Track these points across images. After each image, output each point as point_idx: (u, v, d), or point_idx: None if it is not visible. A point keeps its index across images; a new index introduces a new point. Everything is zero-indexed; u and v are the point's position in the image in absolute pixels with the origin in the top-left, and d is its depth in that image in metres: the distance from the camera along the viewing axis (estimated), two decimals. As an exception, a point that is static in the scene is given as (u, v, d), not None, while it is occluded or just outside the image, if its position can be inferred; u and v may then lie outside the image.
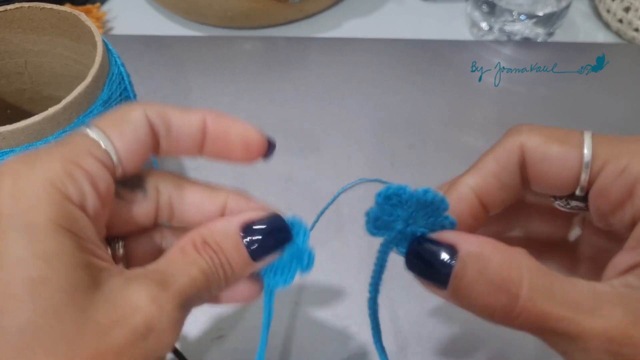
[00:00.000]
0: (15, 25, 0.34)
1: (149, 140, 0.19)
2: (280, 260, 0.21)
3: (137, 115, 0.19)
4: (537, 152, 0.19)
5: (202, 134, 0.20)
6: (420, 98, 0.47)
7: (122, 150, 0.18)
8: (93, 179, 0.17)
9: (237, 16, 0.51)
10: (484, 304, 0.17)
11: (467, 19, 0.55)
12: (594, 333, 0.16)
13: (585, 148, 0.19)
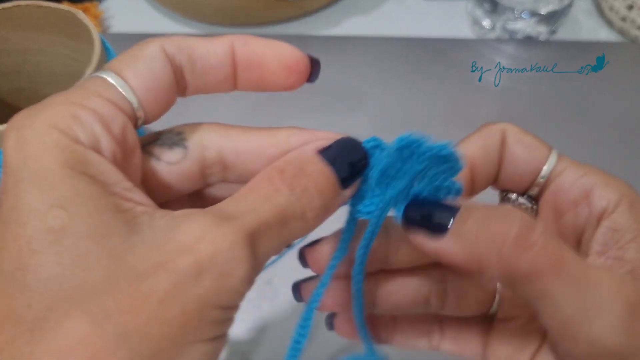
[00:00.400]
0: (14, 23, 0.34)
1: (169, 76, 0.17)
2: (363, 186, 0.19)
3: (153, 50, 0.17)
4: (515, 136, 0.20)
5: (232, 62, 0.18)
6: (421, 97, 0.47)
7: (139, 88, 0.16)
8: (103, 119, 0.15)
9: (236, 14, 0.51)
10: (495, 235, 0.15)
11: (469, 17, 0.54)
12: (616, 289, 0.15)
13: (554, 151, 0.20)
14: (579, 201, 0.19)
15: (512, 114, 0.46)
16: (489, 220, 0.16)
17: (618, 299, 0.15)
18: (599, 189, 0.19)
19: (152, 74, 0.17)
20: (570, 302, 0.15)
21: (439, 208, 0.17)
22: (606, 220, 0.18)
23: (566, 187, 0.19)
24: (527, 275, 0.15)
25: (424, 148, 0.18)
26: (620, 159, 0.43)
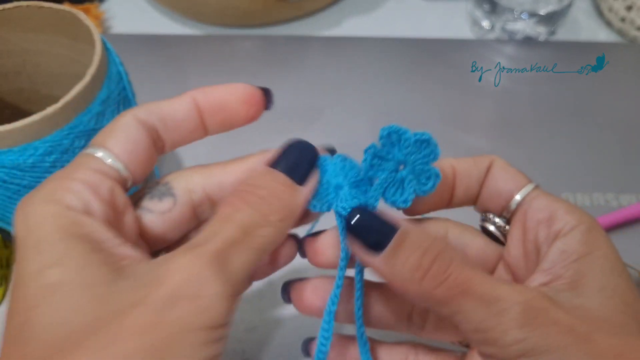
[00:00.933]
0: (14, 24, 0.34)
1: (145, 138, 0.20)
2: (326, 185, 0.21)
3: (127, 119, 0.19)
4: (500, 164, 0.23)
5: (198, 113, 0.20)
6: (421, 97, 0.47)
7: (121, 154, 0.19)
8: (92, 186, 0.18)
9: (236, 14, 0.51)
10: (418, 266, 0.18)
11: (469, 18, 0.54)
12: (514, 299, 0.18)
13: (532, 183, 0.22)
14: (542, 222, 0.21)
15: (512, 114, 0.46)
16: (417, 251, 0.19)
17: (515, 305, 0.18)
18: (561, 213, 0.21)
19: (130, 139, 0.19)
20: (479, 314, 0.18)
21: (379, 228, 0.19)
22: (559, 241, 0.20)
23: (534, 210, 0.21)
24: (441, 299, 0.18)
25: (407, 135, 0.21)
26: (620, 159, 0.43)
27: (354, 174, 0.22)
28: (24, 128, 0.28)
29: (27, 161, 0.28)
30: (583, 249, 0.20)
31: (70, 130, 0.29)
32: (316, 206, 0.21)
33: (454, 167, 0.23)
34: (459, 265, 0.19)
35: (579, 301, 0.19)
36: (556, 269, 0.20)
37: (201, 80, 0.48)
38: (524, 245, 0.22)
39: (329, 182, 0.21)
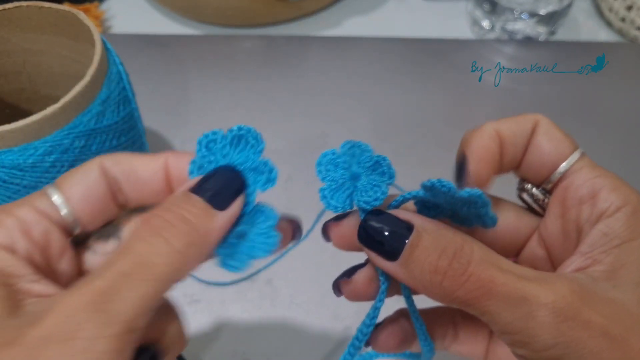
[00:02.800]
0: (14, 24, 0.34)
1: (103, 188, 0.20)
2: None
3: (91, 165, 0.20)
4: (545, 128, 0.21)
5: (165, 175, 0.20)
6: (421, 97, 0.47)
7: (73, 198, 0.19)
8: (25, 224, 0.18)
9: (236, 14, 0.51)
10: (436, 270, 0.18)
11: (469, 18, 0.54)
12: (542, 300, 0.17)
13: (578, 150, 0.21)
14: (585, 200, 0.20)
15: (512, 114, 0.46)
16: (433, 253, 0.18)
17: (543, 307, 0.17)
18: (605, 192, 0.19)
19: (88, 185, 0.19)
20: (506, 316, 0.17)
21: (393, 228, 0.19)
22: (601, 223, 0.19)
23: (577, 185, 0.20)
24: (465, 301, 0.18)
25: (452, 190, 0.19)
26: (620, 159, 0.43)
27: (366, 158, 0.21)
28: (24, 128, 0.28)
29: (27, 161, 0.28)
30: (626, 234, 0.18)
31: (70, 130, 0.29)
32: (337, 207, 0.20)
33: (499, 132, 0.21)
34: (480, 264, 0.17)
35: (615, 294, 0.18)
36: (595, 254, 0.19)
37: (201, 80, 0.48)
38: (563, 224, 0.21)
39: (343, 176, 0.21)
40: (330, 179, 0.21)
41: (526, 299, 0.17)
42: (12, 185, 0.29)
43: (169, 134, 0.44)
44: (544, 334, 0.17)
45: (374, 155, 0.21)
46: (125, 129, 0.33)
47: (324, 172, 0.21)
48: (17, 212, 0.18)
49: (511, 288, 0.17)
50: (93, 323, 0.15)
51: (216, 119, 0.45)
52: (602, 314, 0.17)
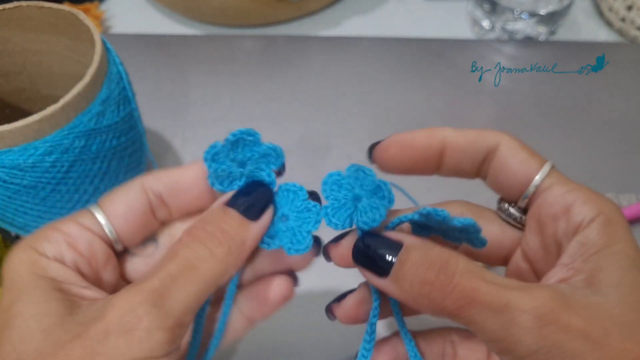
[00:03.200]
0: (14, 24, 0.34)
1: (142, 203, 0.22)
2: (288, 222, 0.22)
3: (132, 184, 0.22)
4: (510, 146, 0.22)
5: (204, 181, 0.22)
6: (422, 97, 0.47)
7: (113, 215, 0.21)
8: (70, 238, 0.20)
9: (236, 14, 0.51)
10: (424, 282, 0.19)
11: (469, 18, 0.54)
12: (523, 307, 0.18)
13: (545, 165, 0.22)
14: (559, 216, 0.21)
15: (512, 114, 0.46)
16: (421, 267, 0.19)
17: (524, 313, 0.17)
18: (578, 206, 0.20)
19: (127, 202, 0.21)
20: (490, 324, 0.18)
21: (383, 248, 0.20)
22: (578, 235, 0.20)
23: (549, 202, 0.21)
24: (452, 311, 0.18)
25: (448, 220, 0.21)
26: (620, 159, 0.43)
27: (369, 181, 0.22)
28: (24, 128, 0.28)
29: (27, 161, 0.29)
30: (602, 242, 0.19)
31: (71, 130, 0.29)
32: (338, 225, 0.22)
33: (445, 140, 0.22)
34: (464, 275, 0.18)
35: (596, 299, 0.18)
36: (576, 264, 0.19)
37: (201, 80, 0.48)
38: (541, 239, 0.22)
39: (346, 197, 0.22)
40: (334, 198, 0.22)
41: (508, 307, 0.18)
42: (12, 185, 0.29)
43: (169, 134, 0.44)
44: (526, 339, 0.17)
45: (376, 180, 0.22)
46: (125, 129, 0.33)
47: (328, 191, 0.22)
48: (63, 227, 0.21)
49: (494, 297, 0.18)
50: (151, 317, 0.18)
51: (216, 119, 0.45)
52: (582, 317, 0.17)
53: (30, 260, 0.20)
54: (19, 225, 0.32)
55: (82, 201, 0.32)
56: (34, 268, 0.20)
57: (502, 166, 0.22)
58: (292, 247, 0.22)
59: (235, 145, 0.23)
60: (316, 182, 0.25)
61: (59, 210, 0.32)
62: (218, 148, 0.23)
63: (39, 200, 0.31)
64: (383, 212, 0.21)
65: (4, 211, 0.31)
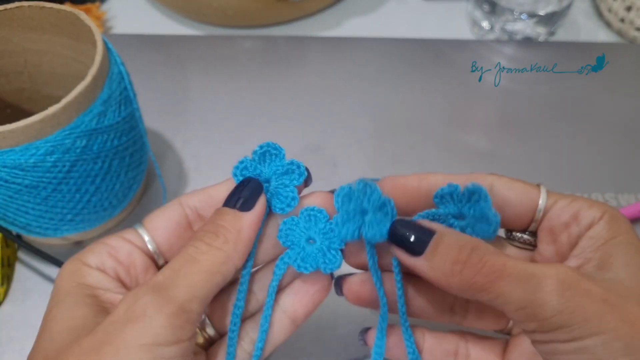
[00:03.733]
0: (15, 24, 0.34)
1: (180, 217, 0.24)
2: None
3: (172, 203, 0.24)
4: (505, 184, 0.24)
5: None
6: (421, 98, 0.47)
7: (154, 228, 0.24)
8: (112, 249, 0.23)
9: (237, 15, 0.51)
10: (456, 261, 0.21)
11: (468, 18, 0.54)
12: (547, 274, 0.20)
13: (542, 188, 0.24)
14: (570, 223, 0.23)
15: (512, 114, 0.46)
16: (454, 249, 0.21)
17: (548, 278, 0.20)
18: (584, 210, 0.22)
19: (165, 216, 0.24)
20: (517, 293, 0.20)
21: (418, 233, 0.22)
22: (588, 232, 0.22)
23: (558, 215, 0.23)
24: (482, 286, 0.20)
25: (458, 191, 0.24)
26: (619, 159, 0.43)
27: (376, 197, 0.24)
28: (26, 128, 0.28)
29: (28, 161, 0.29)
30: (609, 234, 0.21)
31: (72, 130, 0.29)
32: (347, 235, 0.23)
33: (437, 185, 0.24)
34: (494, 254, 0.20)
35: (609, 276, 0.20)
36: (585, 254, 0.22)
37: (202, 80, 0.48)
38: (556, 248, 0.24)
39: (355, 210, 0.23)
40: (345, 210, 0.23)
41: (534, 275, 0.20)
42: (14, 185, 0.29)
43: (170, 134, 0.44)
44: (551, 300, 0.19)
45: (382, 197, 0.24)
46: (126, 129, 0.33)
47: (340, 202, 0.23)
48: (107, 241, 0.23)
49: (520, 269, 0.20)
50: (152, 304, 0.19)
51: (217, 119, 0.45)
52: (601, 286, 0.19)
53: (73, 270, 0.22)
54: (21, 224, 0.32)
55: (83, 201, 0.32)
56: (74, 276, 0.22)
57: (504, 202, 0.24)
58: (326, 267, 0.23)
59: (262, 158, 0.25)
60: (315, 180, 0.25)
61: (60, 209, 0.32)
62: (246, 163, 0.24)
63: (40, 199, 0.31)
64: (388, 225, 0.23)
65: (5, 211, 0.31)
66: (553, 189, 0.24)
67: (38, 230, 0.33)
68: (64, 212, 0.32)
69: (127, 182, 0.35)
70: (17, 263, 0.36)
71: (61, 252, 0.36)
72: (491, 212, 0.23)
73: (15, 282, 0.35)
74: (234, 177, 0.24)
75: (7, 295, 0.35)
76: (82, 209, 0.33)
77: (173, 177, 0.41)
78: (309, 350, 0.33)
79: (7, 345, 0.33)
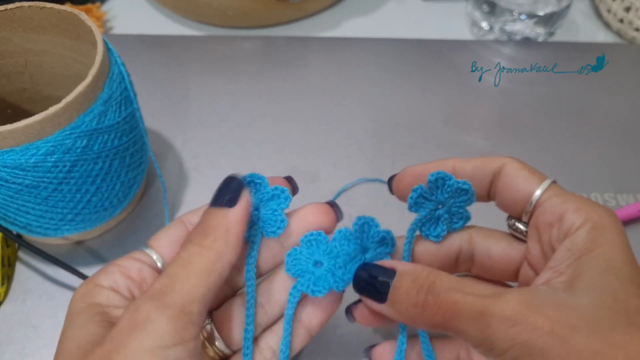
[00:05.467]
0: (16, 24, 0.34)
1: (183, 234, 0.25)
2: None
3: (174, 223, 0.25)
4: (513, 167, 0.24)
5: None
6: (421, 98, 0.47)
7: (159, 246, 0.25)
8: (124, 268, 0.24)
9: (237, 15, 0.51)
10: (416, 305, 0.21)
11: (468, 19, 0.55)
12: (493, 311, 0.20)
13: (546, 180, 0.24)
14: (554, 223, 0.23)
15: (512, 114, 0.47)
16: (412, 292, 0.22)
17: (495, 316, 0.20)
18: (569, 213, 0.22)
19: (169, 234, 0.25)
20: (471, 331, 0.20)
21: (377, 280, 0.23)
22: (566, 240, 0.22)
23: (547, 211, 0.23)
24: (441, 324, 0.21)
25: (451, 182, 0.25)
26: (618, 159, 0.43)
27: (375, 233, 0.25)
28: (26, 128, 0.28)
29: (29, 161, 0.29)
30: (586, 247, 0.21)
31: (72, 130, 0.29)
32: (351, 277, 0.24)
33: (455, 167, 0.25)
34: (447, 292, 0.21)
35: (569, 299, 0.20)
36: (560, 267, 0.21)
37: (202, 81, 0.48)
38: (540, 246, 0.24)
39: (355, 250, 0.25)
40: (345, 253, 0.24)
41: (483, 313, 0.20)
42: (14, 185, 0.29)
43: (170, 134, 0.44)
44: (499, 339, 0.19)
45: (381, 231, 0.25)
46: (127, 129, 0.33)
47: (339, 247, 0.25)
48: (119, 262, 0.24)
49: (470, 306, 0.20)
50: (154, 310, 0.20)
51: (217, 119, 0.45)
52: (549, 317, 0.19)
53: (85, 291, 0.23)
54: (21, 224, 0.33)
55: (83, 201, 0.32)
56: (85, 297, 0.23)
57: (506, 185, 0.24)
58: (338, 285, 0.24)
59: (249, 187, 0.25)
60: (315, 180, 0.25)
61: (60, 209, 0.32)
62: None
63: (40, 199, 0.31)
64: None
65: (6, 210, 0.32)
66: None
67: (38, 230, 0.33)
68: (64, 212, 0.32)
69: (127, 182, 0.35)
70: (18, 263, 0.36)
71: (62, 251, 0.36)
72: (466, 211, 0.25)
73: (15, 282, 0.35)
74: None
75: (7, 295, 0.35)
76: (83, 209, 0.33)
77: (173, 177, 0.41)
78: (309, 350, 0.33)
79: (8, 345, 0.33)
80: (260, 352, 0.25)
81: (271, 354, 0.25)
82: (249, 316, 0.25)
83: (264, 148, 0.43)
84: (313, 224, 0.26)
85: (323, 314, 0.26)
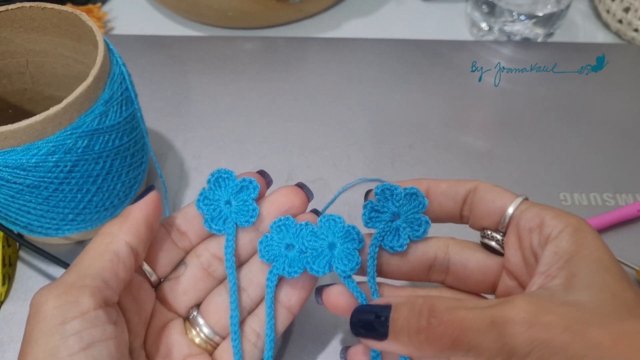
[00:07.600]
0: (17, 25, 0.34)
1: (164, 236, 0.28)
2: None
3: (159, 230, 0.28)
4: (486, 186, 0.26)
5: None
6: (420, 98, 0.48)
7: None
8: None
9: (237, 16, 0.51)
10: (419, 331, 0.21)
11: (467, 19, 0.55)
12: (507, 317, 0.20)
13: (520, 197, 0.25)
14: (534, 229, 0.24)
15: (511, 114, 0.47)
16: (412, 319, 0.21)
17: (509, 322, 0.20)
18: (548, 219, 0.23)
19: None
20: (486, 343, 0.20)
21: (374, 319, 0.23)
22: (550, 244, 0.22)
23: (525, 220, 0.24)
24: (451, 345, 0.20)
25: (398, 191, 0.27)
26: (617, 159, 0.43)
27: (339, 228, 0.26)
28: (27, 128, 0.28)
29: (30, 161, 0.29)
30: (573, 249, 0.22)
31: (73, 130, 0.29)
32: (319, 271, 0.25)
33: (429, 188, 0.27)
34: (449, 311, 0.21)
35: (571, 298, 0.20)
36: (551, 271, 0.22)
37: (202, 81, 0.48)
38: (521, 253, 0.25)
39: (322, 246, 0.26)
40: (312, 248, 0.26)
41: (495, 322, 0.20)
42: (15, 184, 0.30)
43: (171, 135, 0.44)
44: (518, 343, 0.19)
45: (345, 226, 0.26)
46: (127, 130, 0.33)
47: (306, 243, 0.26)
48: None
49: (480, 319, 0.20)
50: (44, 294, 0.22)
51: (217, 120, 0.45)
52: (562, 315, 0.19)
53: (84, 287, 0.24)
54: (22, 224, 0.33)
55: (84, 201, 0.32)
56: None
57: (482, 198, 0.25)
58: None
59: (217, 184, 0.27)
60: (315, 180, 0.25)
61: (61, 209, 0.32)
62: (205, 193, 0.27)
63: (41, 199, 0.31)
64: (358, 259, 0.25)
65: (7, 210, 0.32)
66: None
67: (39, 230, 0.33)
68: (65, 212, 0.32)
69: (128, 182, 0.35)
70: (19, 262, 0.37)
71: (63, 251, 0.36)
72: (423, 217, 0.26)
73: (16, 282, 0.36)
74: (199, 209, 0.27)
75: (8, 294, 0.35)
76: (84, 209, 0.33)
77: (174, 177, 0.41)
78: (309, 349, 0.33)
79: (9, 345, 0.33)
80: (245, 337, 0.27)
81: (256, 337, 0.27)
82: (232, 302, 0.26)
83: (264, 148, 0.43)
84: (285, 204, 0.27)
85: (301, 292, 0.27)
